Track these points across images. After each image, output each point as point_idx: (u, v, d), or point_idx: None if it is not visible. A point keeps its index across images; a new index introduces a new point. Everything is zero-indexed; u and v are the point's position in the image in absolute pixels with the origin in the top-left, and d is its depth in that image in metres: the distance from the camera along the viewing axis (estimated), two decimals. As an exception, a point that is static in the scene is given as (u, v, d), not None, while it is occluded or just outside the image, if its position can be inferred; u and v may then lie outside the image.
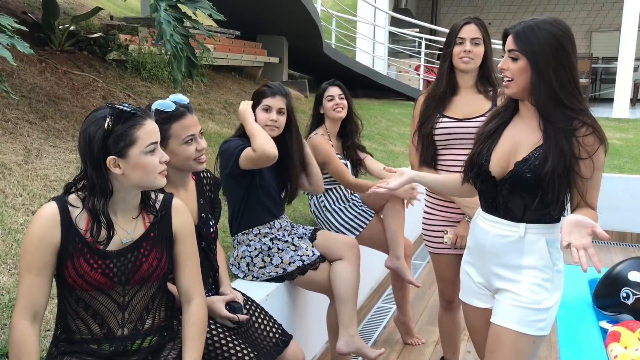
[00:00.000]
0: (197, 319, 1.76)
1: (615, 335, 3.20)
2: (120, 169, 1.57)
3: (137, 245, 1.65)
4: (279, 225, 2.74)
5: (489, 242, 1.96)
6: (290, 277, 2.69)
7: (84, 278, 1.58)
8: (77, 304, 1.62)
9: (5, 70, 3.90)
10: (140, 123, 1.58)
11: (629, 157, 6.77)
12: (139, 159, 1.58)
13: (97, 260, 1.59)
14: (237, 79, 7.13)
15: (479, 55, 2.49)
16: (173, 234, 1.73)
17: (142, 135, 1.58)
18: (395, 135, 7.14)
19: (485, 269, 2.00)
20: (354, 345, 2.65)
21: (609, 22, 14.42)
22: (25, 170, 3.04)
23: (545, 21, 1.80)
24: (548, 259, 1.89)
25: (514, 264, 1.92)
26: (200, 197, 2.12)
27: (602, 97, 13.73)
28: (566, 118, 1.79)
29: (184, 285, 1.77)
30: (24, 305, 1.55)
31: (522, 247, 1.90)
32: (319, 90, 3.27)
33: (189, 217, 1.78)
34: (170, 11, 3.80)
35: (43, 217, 1.57)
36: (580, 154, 1.77)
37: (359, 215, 3.24)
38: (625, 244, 5.64)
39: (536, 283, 1.89)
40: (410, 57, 12.32)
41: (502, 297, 1.94)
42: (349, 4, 12.92)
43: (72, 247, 1.57)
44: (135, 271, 1.64)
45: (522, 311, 1.88)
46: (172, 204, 1.75)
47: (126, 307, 1.65)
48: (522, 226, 1.89)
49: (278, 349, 2.21)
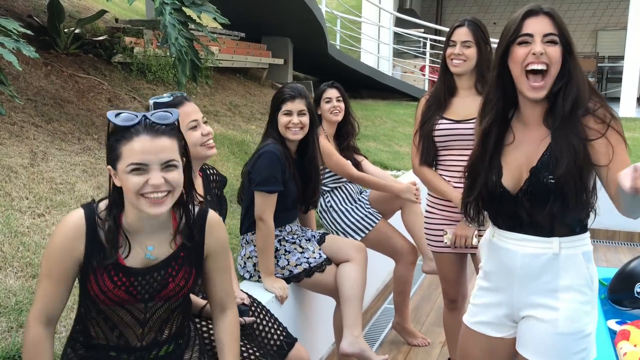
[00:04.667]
0: (234, 329, 1.75)
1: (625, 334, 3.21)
2: (118, 181, 1.49)
3: (166, 265, 1.58)
4: (289, 229, 2.75)
5: (518, 263, 1.71)
6: (297, 279, 2.69)
7: (107, 295, 1.52)
8: (97, 315, 1.57)
9: (11, 74, 3.91)
10: (127, 138, 1.45)
11: (636, 157, 6.73)
12: (122, 176, 1.46)
13: (121, 278, 1.53)
14: (242, 81, 7.14)
15: (471, 57, 2.49)
16: (205, 253, 1.66)
17: (124, 153, 1.45)
18: (401, 135, 7.13)
19: (511, 297, 1.75)
20: (357, 347, 2.64)
21: (615, 20, 14.36)
22: (31, 173, 3.05)
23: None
24: (587, 277, 1.68)
25: (550, 287, 1.68)
26: (207, 194, 2.12)
27: (609, 96, 13.64)
28: (571, 107, 1.63)
29: (218, 297, 1.73)
30: (40, 309, 1.53)
31: (558, 266, 1.67)
32: (317, 92, 3.29)
33: (222, 232, 1.70)
34: (175, 14, 3.81)
35: (68, 227, 1.51)
36: (589, 136, 1.60)
37: (366, 217, 3.23)
38: (634, 243, 5.61)
39: (575, 309, 1.67)
40: (415, 58, 12.30)
41: (536, 328, 1.70)
42: (353, 5, 12.92)
43: (97, 261, 1.51)
44: (160, 290, 1.58)
45: (563, 344, 1.66)
46: (207, 220, 1.65)
47: (146, 323, 1.60)
48: (555, 241, 1.67)
49: (282, 351, 2.21)
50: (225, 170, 4.24)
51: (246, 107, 6.21)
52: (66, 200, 2.95)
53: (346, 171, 3.17)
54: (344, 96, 3.28)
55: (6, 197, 2.77)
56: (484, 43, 2.51)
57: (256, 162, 2.59)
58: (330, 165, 3.17)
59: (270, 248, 2.59)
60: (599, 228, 5.60)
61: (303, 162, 2.74)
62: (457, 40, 2.49)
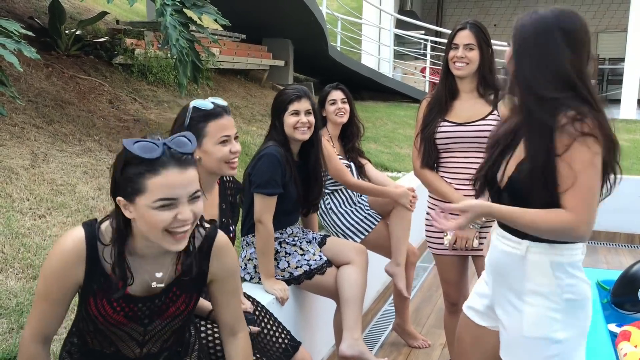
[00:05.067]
0: (246, 355, 1.70)
1: (625, 335, 3.22)
2: (130, 213, 1.38)
3: (167, 291, 1.52)
4: (290, 231, 2.75)
5: (494, 258, 1.78)
6: (297, 281, 2.69)
7: (105, 318, 1.48)
8: (95, 330, 1.53)
9: (12, 75, 3.92)
10: (153, 172, 1.34)
11: (636, 159, 6.74)
12: (146, 211, 1.35)
13: (121, 304, 1.47)
14: (242, 82, 7.15)
15: (473, 60, 2.49)
16: (209, 278, 1.58)
17: (151, 187, 1.34)
18: (401, 137, 7.13)
19: (493, 288, 1.81)
20: (357, 349, 2.64)
21: (616, 22, 14.38)
22: (32, 174, 3.05)
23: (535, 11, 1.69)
24: (556, 286, 1.64)
25: (517, 287, 1.71)
26: (222, 202, 2.10)
27: (609, 98, 13.65)
28: (545, 111, 1.59)
29: (228, 321, 1.67)
30: (36, 328, 1.48)
31: (524, 269, 1.68)
32: (322, 93, 3.28)
33: (229, 258, 1.62)
34: (176, 16, 3.81)
35: (67, 250, 1.42)
36: (557, 150, 1.56)
37: (365, 219, 3.23)
38: (634, 245, 5.60)
39: (540, 314, 1.66)
40: (416, 59, 12.31)
41: (508, 329, 1.74)
42: (354, 7, 12.92)
43: (97, 286, 1.45)
44: (160, 314, 1.54)
45: (529, 347, 1.67)
46: (214, 244, 1.57)
47: (145, 344, 1.56)
48: (524, 243, 1.67)
49: (287, 354, 2.20)
50: (226, 171, 4.23)
51: (247, 108, 6.22)
52: (67, 202, 2.95)
53: (343, 177, 3.16)
54: (348, 98, 3.27)
55: (7, 198, 2.78)
56: (486, 46, 2.51)
57: (256, 164, 2.59)
58: (329, 170, 3.16)
59: (270, 250, 2.59)
60: (599, 230, 5.59)
61: (306, 164, 2.74)
62: (459, 43, 2.49)
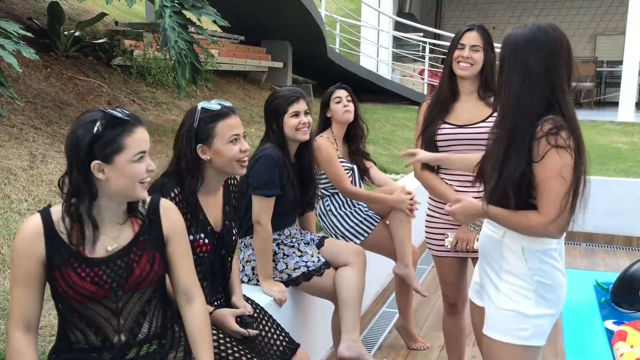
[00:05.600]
0: (203, 320, 1.75)
1: (622, 335, 3.23)
2: (103, 175, 1.54)
3: (127, 251, 1.62)
4: (288, 232, 2.75)
5: (481, 241, 2.00)
6: (295, 283, 2.69)
7: (74, 288, 1.55)
8: (71, 315, 1.60)
9: (10, 76, 3.92)
10: (130, 130, 1.57)
11: (634, 161, 6.75)
12: (125, 166, 1.56)
13: (84, 269, 1.56)
14: (241, 84, 7.15)
15: (478, 61, 2.49)
16: (164, 236, 1.70)
17: (130, 144, 1.56)
18: (400, 139, 7.13)
19: (480, 268, 2.02)
20: (355, 351, 2.64)
21: (614, 25, 14.40)
22: (30, 175, 3.05)
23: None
24: (525, 268, 1.84)
25: (496, 267, 1.91)
26: (226, 205, 2.12)
27: (607, 101, 13.69)
28: (526, 124, 1.75)
29: (183, 285, 1.74)
30: (17, 316, 1.56)
31: (501, 251, 1.89)
32: (325, 94, 3.27)
33: (179, 216, 1.75)
34: (175, 17, 3.81)
35: (26, 231, 1.55)
36: (534, 157, 1.73)
37: (365, 220, 3.23)
38: (632, 247, 5.61)
39: (514, 290, 1.85)
40: (415, 62, 12.31)
41: (487, 305, 1.95)
42: (353, 9, 12.94)
43: (59, 258, 1.55)
44: (127, 277, 1.61)
45: (504, 319, 1.86)
46: (160, 205, 1.72)
47: (120, 313, 1.62)
48: (502, 229, 1.88)
49: (285, 357, 2.19)
50: (225, 173, 4.24)
51: (245, 110, 6.22)
52: (65, 203, 2.95)
53: (340, 184, 3.14)
54: (352, 97, 3.26)
55: (5, 199, 2.77)
56: (490, 49, 2.52)
57: (254, 166, 2.59)
58: (328, 173, 3.16)
59: (269, 252, 2.59)
60: (597, 232, 5.59)
61: (301, 165, 2.74)
62: (466, 43, 2.48)
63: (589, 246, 5.62)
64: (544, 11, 14.69)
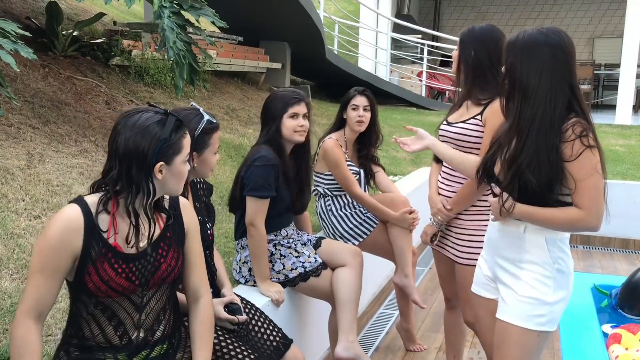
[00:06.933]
0: (206, 317, 1.78)
1: (616, 337, 3.24)
2: (161, 174, 1.59)
3: (155, 246, 1.64)
4: (285, 233, 2.75)
5: (494, 235, 2.04)
6: (292, 284, 2.69)
7: (109, 284, 1.55)
8: (95, 307, 1.58)
9: (8, 76, 3.91)
10: (185, 132, 1.65)
11: (631, 164, 6.76)
12: (181, 167, 1.64)
13: (121, 265, 1.57)
14: (239, 85, 7.15)
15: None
16: (185, 231, 1.74)
17: (185, 145, 1.64)
18: (398, 141, 7.12)
19: (492, 262, 2.06)
20: (352, 352, 2.64)
21: (612, 28, 14.43)
22: (27, 175, 3.05)
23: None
24: (547, 257, 1.92)
25: (515, 258, 1.97)
26: (195, 201, 2.16)
27: (605, 104, 13.72)
28: (553, 126, 1.83)
29: (194, 284, 1.77)
30: (31, 305, 1.52)
31: (522, 244, 1.95)
32: (346, 95, 3.26)
33: (194, 214, 1.80)
34: (174, 18, 3.81)
35: (65, 221, 1.52)
36: (566, 157, 1.82)
37: (364, 222, 3.23)
38: (629, 250, 5.61)
39: (535, 278, 1.93)
40: (413, 64, 12.33)
41: (504, 294, 1.99)
42: (351, 10, 12.95)
43: (96, 253, 1.54)
44: (154, 272, 1.63)
45: (523, 306, 1.93)
46: (180, 203, 1.76)
47: (143, 308, 1.63)
48: (523, 223, 1.93)
49: (279, 352, 2.21)
50: (222, 174, 4.24)
51: (243, 111, 6.22)
52: (62, 203, 2.95)
53: (349, 187, 3.16)
54: (372, 105, 3.25)
55: (2, 198, 2.77)
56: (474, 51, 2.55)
57: (249, 167, 2.59)
58: (335, 174, 3.17)
59: (264, 253, 2.59)
60: (594, 235, 5.60)
61: (297, 165, 2.75)
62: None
63: (586, 248, 5.63)
64: (542, 13, 14.71)
